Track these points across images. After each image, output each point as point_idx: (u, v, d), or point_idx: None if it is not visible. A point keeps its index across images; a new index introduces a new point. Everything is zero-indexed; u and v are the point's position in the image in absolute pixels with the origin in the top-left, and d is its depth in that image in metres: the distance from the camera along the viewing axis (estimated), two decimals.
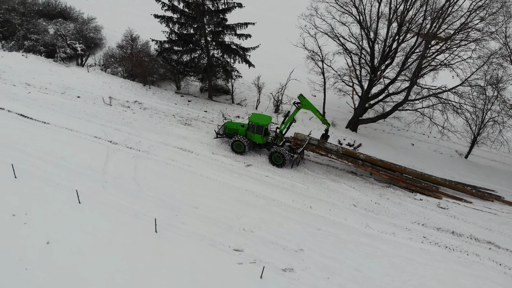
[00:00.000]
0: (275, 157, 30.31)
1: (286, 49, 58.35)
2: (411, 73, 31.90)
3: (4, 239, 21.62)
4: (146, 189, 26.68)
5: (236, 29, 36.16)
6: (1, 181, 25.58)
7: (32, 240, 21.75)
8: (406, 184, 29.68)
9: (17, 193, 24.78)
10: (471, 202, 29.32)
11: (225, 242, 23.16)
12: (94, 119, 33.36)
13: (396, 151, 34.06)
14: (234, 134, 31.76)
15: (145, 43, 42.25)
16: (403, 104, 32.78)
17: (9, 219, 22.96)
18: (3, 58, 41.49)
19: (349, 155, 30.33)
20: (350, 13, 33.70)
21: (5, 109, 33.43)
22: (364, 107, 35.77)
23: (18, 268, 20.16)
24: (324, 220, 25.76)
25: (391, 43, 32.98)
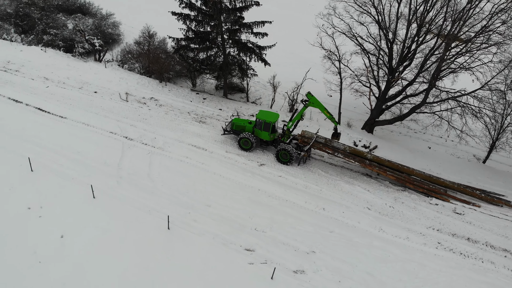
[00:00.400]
0: (282, 155, 30.25)
1: (302, 48, 58.06)
2: (430, 75, 31.36)
3: (20, 232, 21.98)
4: (160, 185, 26.82)
5: (253, 27, 36.08)
6: (18, 174, 25.99)
7: (47, 234, 22.06)
8: (413, 185, 29.36)
9: (33, 186, 25.15)
10: (480, 206, 28.84)
11: (237, 242, 23.14)
12: (110, 115, 33.65)
13: (412, 154, 33.57)
14: (241, 131, 31.78)
15: (162, 39, 42.39)
16: (421, 106, 32.27)
17: (25, 212, 23.32)
18: (22, 52, 42.12)
19: (356, 155, 30.10)
20: (368, 13, 33.27)
21: (23, 102, 33.94)
22: (381, 109, 35.33)
23: (32, 261, 20.47)
24: (337, 223, 25.53)
25: (410, 44, 32.46)
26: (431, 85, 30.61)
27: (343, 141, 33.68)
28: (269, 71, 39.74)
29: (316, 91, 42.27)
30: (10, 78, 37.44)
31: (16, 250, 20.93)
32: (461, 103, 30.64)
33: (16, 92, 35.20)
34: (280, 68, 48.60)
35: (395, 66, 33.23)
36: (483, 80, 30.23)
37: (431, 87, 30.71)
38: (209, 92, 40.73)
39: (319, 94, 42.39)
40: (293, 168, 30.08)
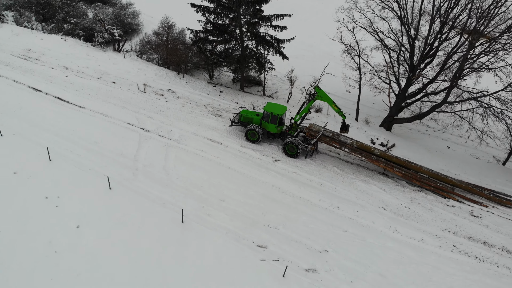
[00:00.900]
0: (289, 148, 30.21)
1: (322, 41, 57.39)
2: (452, 74, 30.61)
3: (37, 221, 22.42)
4: (175, 178, 26.98)
5: (272, 20, 35.71)
6: (36, 163, 26.46)
7: (63, 224, 22.47)
8: (419, 182, 29.01)
9: (50, 176, 25.59)
10: (487, 206, 28.34)
11: (250, 238, 23.19)
12: (128, 106, 33.89)
13: (430, 154, 32.98)
14: (249, 123, 31.77)
15: (180, 31, 42.32)
16: (441, 105, 31.58)
17: (42, 201, 23.76)
18: (42, 40, 42.63)
19: (363, 150, 29.83)
20: (391, 8, 32.56)
21: (43, 91, 34.44)
22: (400, 106, 34.71)
23: (48, 251, 20.88)
24: (351, 222, 25.32)
25: (432, 41, 31.69)
26: (453, 84, 29.88)
27: (361, 138, 33.32)
28: (286, 64, 39.39)
29: (335, 87, 42.01)
30: (30, 66, 37.98)
31: (32, 239, 21.35)
32: (483, 104, 29.87)
33: (36, 81, 35.73)
34: (298, 61, 48.21)
35: (416, 63, 32.53)
36: (506, 81, 29.36)
37: (452, 86, 29.99)
38: (225, 85, 40.63)
39: (337, 89, 42.10)
40: (308, 165, 29.89)
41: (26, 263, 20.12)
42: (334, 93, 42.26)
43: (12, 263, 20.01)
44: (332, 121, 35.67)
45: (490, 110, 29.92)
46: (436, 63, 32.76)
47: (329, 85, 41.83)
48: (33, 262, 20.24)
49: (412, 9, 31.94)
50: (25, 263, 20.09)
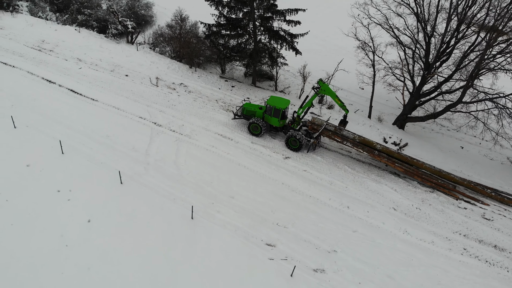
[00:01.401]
0: (291, 141, 30.31)
1: (335, 35, 56.78)
2: (468, 74, 30.02)
3: (48, 215, 22.73)
4: (186, 174, 27.08)
5: (286, 14, 35.32)
6: (49, 156, 26.78)
7: (74, 218, 22.75)
8: (421, 179, 28.85)
9: (63, 169, 25.89)
10: (489, 204, 28.09)
11: (258, 236, 23.24)
12: (140, 99, 34.00)
13: (444, 154, 32.53)
14: (251, 116, 31.79)
15: (194, 23, 42.16)
16: (456, 105, 30.99)
17: (54, 194, 24.07)
18: (56, 31, 42.86)
19: (365, 144, 29.73)
20: (407, 5, 31.91)
21: (56, 83, 34.71)
22: (414, 105, 34.19)
23: (59, 244, 21.19)
24: (361, 222, 25.20)
25: (449, 39, 31.06)
26: (469, 84, 29.30)
27: (373, 136, 33.02)
28: (299, 59, 39.07)
29: (348, 82, 41.61)
30: (44, 58, 38.26)
31: (44, 232, 21.68)
32: (499, 105, 29.28)
33: (50, 72, 36.01)
34: (311, 56, 47.78)
35: (432, 61, 31.94)
36: None
37: (468, 86, 29.40)
38: (237, 80, 40.47)
39: (351, 85, 41.68)
40: (318, 163, 29.73)
41: (38, 256, 20.45)
42: (347, 89, 41.95)
43: (24, 256, 20.35)
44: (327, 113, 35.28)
45: (506, 112, 29.33)
46: (452, 62, 32.13)
47: (342, 81, 41.57)
48: (44, 255, 20.56)
49: (429, 6, 31.28)
50: (37, 257, 20.42)
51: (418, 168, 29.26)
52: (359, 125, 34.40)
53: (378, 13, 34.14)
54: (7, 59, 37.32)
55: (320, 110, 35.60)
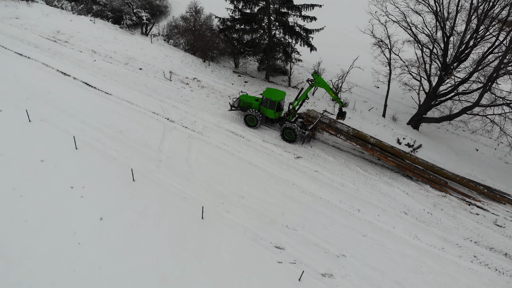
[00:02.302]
0: (287, 133, 30.67)
1: (352, 28, 55.87)
2: (486, 77, 29.34)
3: (62, 211, 23.05)
4: (197, 172, 27.20)
5: (302, 9, 34.82)
6: (63, 151, 27.09)
7: (87, 215, 23.05)
8: (413, 173, 28.90)
9: (76, 165, 26.18)
10: (480, 201, 28.05)
11: (267, 238, 23.32)
12: (154, 94, 34.06)
13: (457, 156, 32.06)
14: (248, 108, 32.08)
15: (208, 16, 41.91)
16: (473, 108, 30.41)
17: (68, 191, 24.40)
18: (72, 22, 42.99)
19: (359, 138, 29.90)
20: (426, 3, 31.19)
21: (71, 76, 34.94)
22: (430, 105, 33.65)
23: (72, 242, 21.51)
24: (371, 226, 25.09)
25: (468, 40, 30.32)
26: (486, 88, 28.66)
27: (387, 137, 32.70)
28: (314, 54, 38.52)
29: (363, 79, 41.03)
30: (59, 49, 38.48)
31: (57, 229, 22.02)
32: None
33: (65, 64, 36.24)
34: (326, 50, 47.31)
35: (449, 62, 31.29)
36: None
37: (486, 90, 28.77)
38: (250, 74, 40.21)
39: (366, 82, 41.14)
40: (330, 164, 29.57)
41: (51, 253, 20.83)
42: (363, 86, 41.47)
43: (37, 253, 20.74)
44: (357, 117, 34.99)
45: None
46: (470, 63, 31.41)
47: (357, 77, 41.03)
48: (58, 252, 20.92)
49: (449, 6, 30.51)
50: (50, 254, 20.79)
51: (411, 162, 29.36)
52: (373, 124, 34.02)
53: (395, 10, 33.47)
54: (23, 49, 37.67)
55: (333, 108, 35.22)
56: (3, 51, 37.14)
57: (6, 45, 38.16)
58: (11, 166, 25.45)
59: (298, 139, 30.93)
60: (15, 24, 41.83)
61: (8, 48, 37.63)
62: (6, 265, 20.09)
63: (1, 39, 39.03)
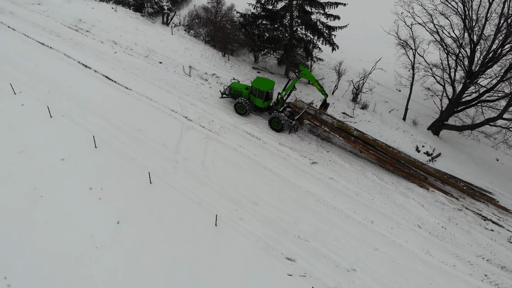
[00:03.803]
0: (274, 122, 31.49)
1: (377, 19, 54.35)
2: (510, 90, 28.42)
3: (80, 213, 23.83)
4: (213, 175, 27.49)
5: (325, 7, 33.95)
6: (83, 149, 27.74)
7: (104, 218, 23.77)
8: (393, 167, 29.43)
9: (95, 165, 26.77)
10: (457, 198, 28.65)
11: (279, 248, 23.65)
12: (173, 90, 34.11)
13: (477, 167, 31.46)
14: (238, 96, 32.68)
15: (230, 7, 41.26)
16: (496, 120, 29.61)
17: (87, 192, 25.08)
18: (93, 10, 42.88)
19: (343, 130, 30.47)
20: (455, 10, 30.05)
21: (92, 68, 35.19)
22: (452, 111, 32.87)
23: (89, 246, 22.31)
24: (384, 240, 25.13)
25: (496, 48, 29.23)
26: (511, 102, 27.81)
27: (406, 143, 32.23)
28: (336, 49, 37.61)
29: (385, 78, 40.11)
30: (81, 39, 38.62)
31: (76, 232, 22.82)
32: None
33: (86, 56, 36.44)
34: (349, 43, 46.27)
35: (475, 70, 30.32)
36: None
37: (510, 104, 27.92)
38: (270, 70, 39.70)
39: (388, 81, 40.19)
40: (346, 171, 29.42)
41: (70, 257, 21.67)
42: (384, 84, 40.57)
43: (57, 256, 21.60)
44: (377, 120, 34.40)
45: None
46: (495, 73, 30.38)
47: (379, 75, 39.95)
48: (76, 256, 21.75)
49: (477, 13, 29.33)
50: (69, 257, 21.64)
51: (393, 156, 29.75)
52: (392, 129, 33.48)
53: (422, 11, 32.36)
54: (45, 39, 37.96)
55: (353, 111, 34.71)
56: (26, 40, 37.53)
57: (29, 33, 38.50)
58: (32, 165, 26.21)
59: (286, 128, 31.69)
60: (37, 11, 42.02)
61: (30, 37, 37.99)
62: (28, 268, 21.00)
63: (24, 26, 39.37)
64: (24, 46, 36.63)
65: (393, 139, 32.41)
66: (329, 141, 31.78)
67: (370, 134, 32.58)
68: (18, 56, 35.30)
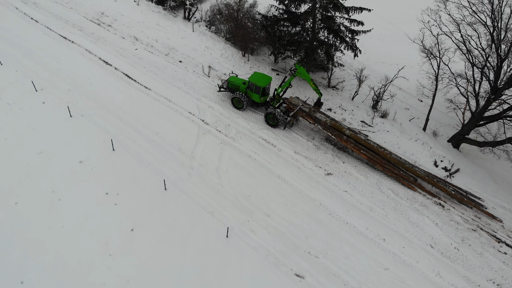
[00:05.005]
0: (270, 118, 32.08)
1: (403, 17, 53.04)
2: None
3: (96, 219, 24.31)
4: (226, 183, 27.65)
5: (350, 11, 33.15)
6: (100, 152, 28.15)
7: (119, 225, 24.22)
8: (383, 168, 29.88)
9: (112, 169, 27.18)
10: (445, 202, 28.97)
11: (288, 264, 23.80)
12: (191, 92, 34.10)
13: (496, 185, 30.80)
14: (236, 90, 33.13)
15: (253, 4, 40.69)
16: None
17: (103, 197, 25.55)
18: (116, 2, 42.82)
19: (335, 129, 30.99)
20: (483, 23, 29.01)
21: (112, 65, 35.37)
22: (474, 126, 32.09)
23: (103, 253, 22.82)
24: (394, 259, 25.01)
25: None
26: None
27: (424, 157, 31.74)
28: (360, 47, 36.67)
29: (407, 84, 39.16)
30: (102, 34, 38.73)
31: (91, 238, 23.35)
32: None
33: (107, 52, 36.60)
34: (373, 43, 45.36)
35: (501, 86, 29.40)
36: None
37: None
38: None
39: (410, 87, 39.22)
40: (361, 184, 29.18)
41: (84, 263, 22.27)
42: (406, 90, 39.83)
43: (72, 262, 22.21)
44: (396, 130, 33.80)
45: None
46: None
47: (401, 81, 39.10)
48: (90, 263, 22.32)
49: (506, 28, 28.24)
50: (83, 263, 22.24)
51: (384, 157, 30.03)
52: (412, 140, 32.91)
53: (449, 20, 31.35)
54: (67, 32, 38.20)
55: (372, 120, 34.14)
56: (48, 33, 37.85)
57: (51, 25, 38.78)
58: (51, 166, 26.79)
59: (281, 123, 32.21)
60: (61, 2, 42.19)
61: (53, 30, 38.28)
62: (43, 272, 21.68)
63: (47, 18, 39.66)
64: (46, 39, 36.97)
65: (411, 152, 31.92)
66: (346, 151, 31.49)
67: (388, 146, 32.30)
68: (40, 50, 35.69)
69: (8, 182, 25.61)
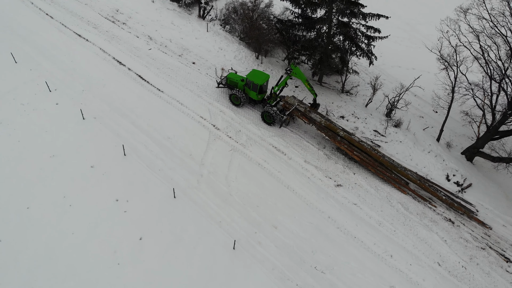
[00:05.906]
0: (266, 116, 32.51)
1: (421, 18, 51.97)
2: None
3: (105, 227, 24.59)
4: (235, 193, 27.70)
5: (367, 18, 32.47)
6: (112, 157, 28.32)
7: (128, 233, 24.50)
8: (374, 170, 30.14)
9: (123, 175, 27.38)
10: (436, 206, 29.18)
11: (294, 279, 23.89)
12: (203, 95, 33.98)
13: (508, 202, 30.33)
14: (234, 87, 33.44)
15: (268, 3, 40.10)
16: None
17: (113, 204, 25.83)
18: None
19: (330, 129, 31.31)
20: (504, 37, 28.19)
21: (126, 66, 35.35)
22: (488, 140, 31.52)
23: (112, 262, 23.16)
24: (401, 276, 24.95)
25: None
26: None
27: (436, 170, 31.36)
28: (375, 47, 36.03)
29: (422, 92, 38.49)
30: (117, 32, 38.61)
31: (100, 246, 23.69)
32: None
33: (121, 51, 36.53)
34: (390, 46, 44.51)
35: None
36: None
37: None
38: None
39: (425, 94, 38.53)
40: (371, 197, 28.99)
41: (93, 272, 22.65)
42: (421, 97, 39.21)
43: (81, 270, 22.61)
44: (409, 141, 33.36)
45: None
46: None
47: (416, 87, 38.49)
48: (99, 271, 22.70)
49: None
50: (92, 272, 22.62)
51: (376, 160, 30.29)
52: (424, 152, 32.46)
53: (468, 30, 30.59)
54: (82, 30, 38.17)
55: (385, 129, 33.68)
56: (63, 30, 37.87)
57: (66, 22, 38.76)
58: (63, 171, 27.09)
59: (277, 121, 32.56)
60: None
61: (68, 27, 38.27)
62: (53, 281, 22.12)
63: (62, 15, 39.62)
64: (61, 37, 37.01)
65: (423, 164, 31.54)
66: (356, 162, 31.21)
67: (400, 157, 31.99)
68: (54, 48, 35.77)
69: (20, 186, 26.01)
